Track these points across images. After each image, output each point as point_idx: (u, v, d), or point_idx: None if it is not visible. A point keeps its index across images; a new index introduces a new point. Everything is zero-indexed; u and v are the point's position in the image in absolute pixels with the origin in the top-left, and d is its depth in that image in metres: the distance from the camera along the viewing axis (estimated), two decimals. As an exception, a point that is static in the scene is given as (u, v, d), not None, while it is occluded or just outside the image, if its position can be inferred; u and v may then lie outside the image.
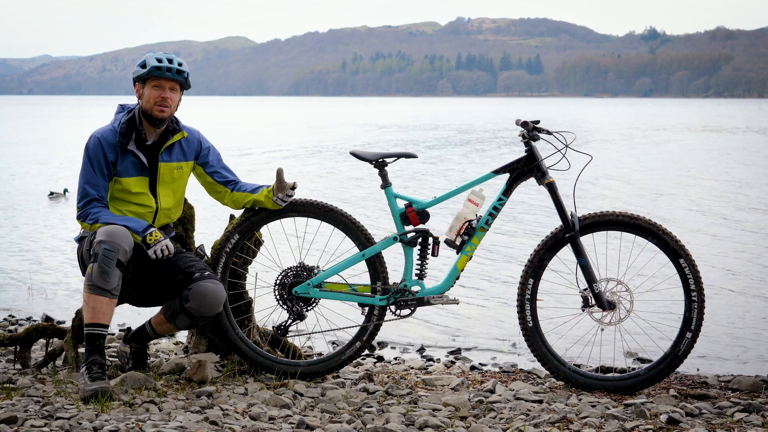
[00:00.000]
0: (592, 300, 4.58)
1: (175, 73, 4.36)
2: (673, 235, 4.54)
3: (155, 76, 4.35)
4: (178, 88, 4.42)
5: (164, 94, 4.35)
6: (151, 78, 4.36)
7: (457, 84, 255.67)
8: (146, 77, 4.36)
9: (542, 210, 13.14)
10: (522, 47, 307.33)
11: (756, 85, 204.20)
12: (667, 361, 4.55)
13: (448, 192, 4.66)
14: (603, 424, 3.97)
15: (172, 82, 4.38)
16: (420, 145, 30.33)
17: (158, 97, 4.35)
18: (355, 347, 4.66)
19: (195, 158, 4.57)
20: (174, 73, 4.36)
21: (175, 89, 4.40)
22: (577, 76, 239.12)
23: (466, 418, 4.11)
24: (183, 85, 4.43)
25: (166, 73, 4.34)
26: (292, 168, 20.89)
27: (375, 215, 12.75)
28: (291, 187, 4.54)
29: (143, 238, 4.25)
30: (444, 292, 4.63)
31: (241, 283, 4.75)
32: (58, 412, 3.80)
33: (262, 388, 4.42)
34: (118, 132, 4.37)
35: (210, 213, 11.26)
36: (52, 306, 7.59)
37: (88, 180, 4.33)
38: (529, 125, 4.62)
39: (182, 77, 4.39)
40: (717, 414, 4.22)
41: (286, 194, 4.54)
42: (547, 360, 4.60)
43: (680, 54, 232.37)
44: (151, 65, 4.34)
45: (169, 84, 4.37)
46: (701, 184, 17.52)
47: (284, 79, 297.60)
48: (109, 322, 4.17)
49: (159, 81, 4.36)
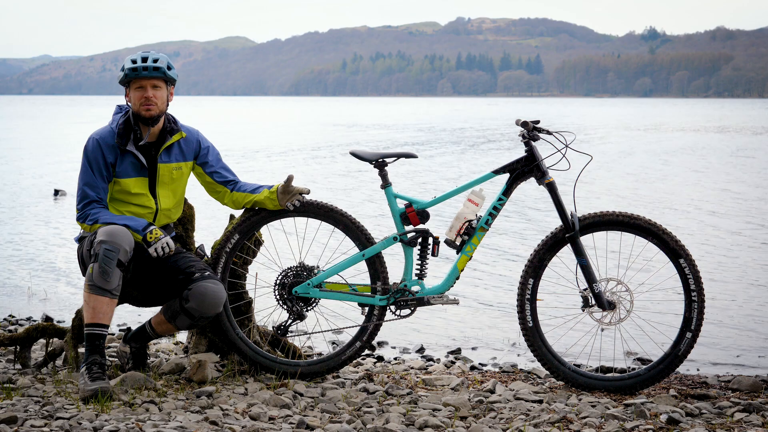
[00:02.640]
0: (592, 300, 4.58)
1: (152, 71, 4.32)
2: (673, 235, 4.54)
3: (134, 77, 4.33)
4: (162, 84, 4.37)
5: (146, 93, 4.32)
6: (131, 80, 4.34)
7: (457, 84, 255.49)
8: (127, 80, 4.35)
9: (542, 210, 13.13)
10: (522, 47, 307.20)
11: (756, 85, 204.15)
12: (667, 361, 4.55)
13: (448, 192, 4.66)
14: (603, 424, 3.97)
15: (152, 80, 4.34)
16: (419, 146, 30.32)
17: (141, 97, 4.33)
18: (355, 347, 4.67)
19: (194, 158, 4.56)
20: (150, 70, 4.32)
21: (158, 86, 4.36)
22: (577, 76, 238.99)
23: (466, 418, 4.11)
24: (167, 80, 4.40)
25: (143, 72, 4.31)
26: (291, 167, 20.89)
27: (375, 215, 12.74)
28: (300, 192, 4.54)
29: (143, 237, 4.25)
30: (444, 292, 4.63)
31: (241, 283, 4.75)
32: (58, 412, 3.80)
33: (262, 388, 4.43)
34: (116, 133, 4.36)
35: (210, 213, 11.26)
36: (52, 306, 7.58)
37: (87, 182, 4.32)
38: (529, 125, 4.62)
39: (160, 73, 4.34)
40: (717, 414, 4.22)
41: (297, 199, 4.54)
42: (547, 360, 4.60)
43: (680, 54, 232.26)
44: (127, 67, 4.33)
45: (150, 82, 4.34)
46: (701, 185, 17.52)
47: (284, 79, 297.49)
48: (109, 322, 4.17)
49: (139, 81, 4.33)
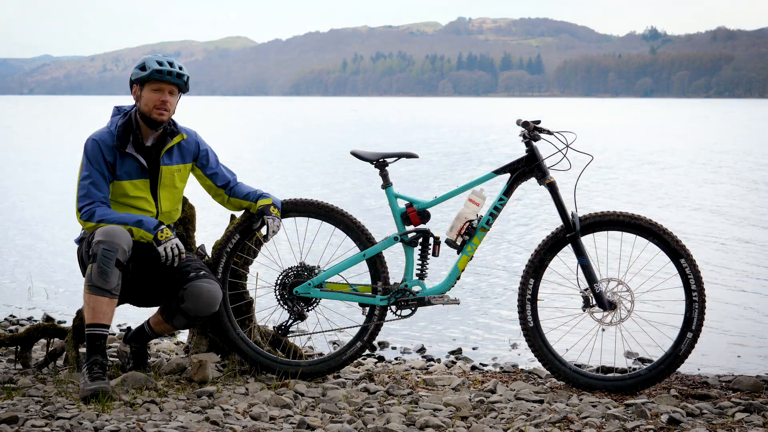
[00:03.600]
0: (593, 300, 4.58)
1: (176, 77, 4.33)
2: (674, 235, 4.54)
3: (155, 80, 4.32)
4: (176, 91, 4.39)
5: (164, 97, 4.32)
6: (150, 81, 4.32)
7: (458, 84, 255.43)
8: (146, 80, 4.33)
9: (543, 209, 13.13)
10: (523, 47, 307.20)
11: (757, 85, 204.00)
12: (668, 361, 4.55)
13: (449, 192, 4.66)
14: (604, 424, 3.97)
15: (171, 86, 4.35)
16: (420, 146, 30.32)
17: (158, 100, 4.32)
18: (355, 347, 4.66)
19: (193, 160, 4.55)
20: (174, 76, 4.33)
21: (174, 93, 4.38)
22: (578, 76, 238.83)
23: (467, 418, 4.11)
24: (182, 88, 4.41)
25: (167, 77, 4.31)
26: (293, 166, 20.88)
27: (375, 215, 12.74)
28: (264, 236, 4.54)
29: (154, 235, 4.23)
30: (445, 292, 4.63)
31: (242, 283, 4.75)
32: (59, 412, 3.80)
33: (263, 388, 4.42)
34: (115, 135, 4.34)
35: (210, 213, 11.25)
36: (53, 306, 7.59)
37: (91, 180, 4.27)
38: (530, 125, 4.62)
39: (182, 81, 4.36)
40: (718, 414, 4.22)
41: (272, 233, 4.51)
42: (548, 360, 4.60)
43: (681, 54, 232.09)
44: (152, 68, 4.30)
45: (169, 87, 4.35)
46: (703, 183, 17.52)
47: (285, 79, 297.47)
48: (109, 322, 4.17)
49: (159, 84, 4.33)
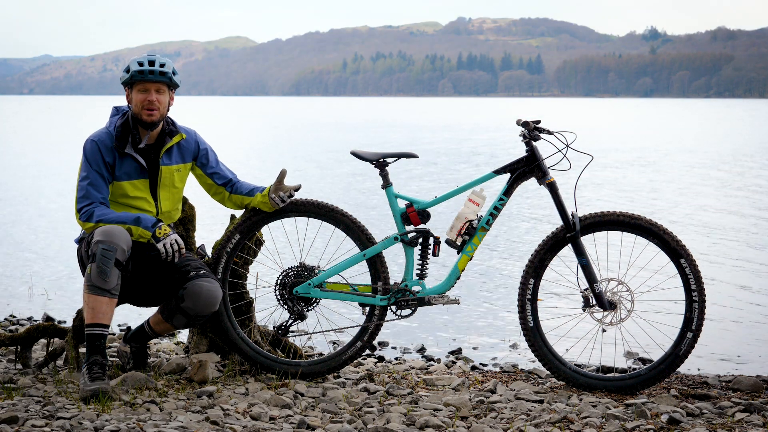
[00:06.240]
0: (593, 300, 4.58)
1: (158, 75, 4.31)
2: (673, 235, 4.54)
3: (139, 80, 4.32)
4: (165, 88, 4.37)
5: (150, 97, 4.32)
6: (135, 82, 4.33)
7: (458, 84, 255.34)
8: (131, 81, 4.34)
9: (544, 209, 13.13)
10: (523, 47, 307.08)
11: (757, 85, 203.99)
12: (668, 361, 4.55)
13: (449, 192, 4.66)
14: (604, 424, 3.97)
15: (157, 84, 4.34)
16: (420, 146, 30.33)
17: (144, 100, 4.31)
18: (355, 347, 4.66)
19: (193, 159, 4.55)
20: (157, 74, 4.31)
21: (161, 90, 4.36)
22: (578, 76, 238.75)
23: (467, 418, 4.11)
24: (170, 84, 4.39)
25: (149, 76, 4.30)
26: (293, 166, 20.88)
27: (375, 215, 12.74)
28: (294, 189, 4.54)
29: (153, 233, 4.24)
30: (445, 292, 4.63)
31: (242, 283, 4.75)
32: (59, 412, 3.80)
33: (263, 388, 4.43)
34: (114, 136, 4.34)
35: (211, 213, 11.26)
36: (53, 306, 7.58)
37: (89, 181, 4.28)
38: (530, 125, 4.62)
39: (166, 78, 4.34)
40: (718, 414, 4.22)
41: (287, 195, 4.54)
42: (548, 360, 4.60)
43: (681, 54, 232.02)
44: (133, 69, 4.31)
45: (155, 86, 4.33)
46: (703, 183, 17.51)
47: (285, 79, 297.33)
48: (109, 322, 4.17)
49: (143, 84, 4.32)
